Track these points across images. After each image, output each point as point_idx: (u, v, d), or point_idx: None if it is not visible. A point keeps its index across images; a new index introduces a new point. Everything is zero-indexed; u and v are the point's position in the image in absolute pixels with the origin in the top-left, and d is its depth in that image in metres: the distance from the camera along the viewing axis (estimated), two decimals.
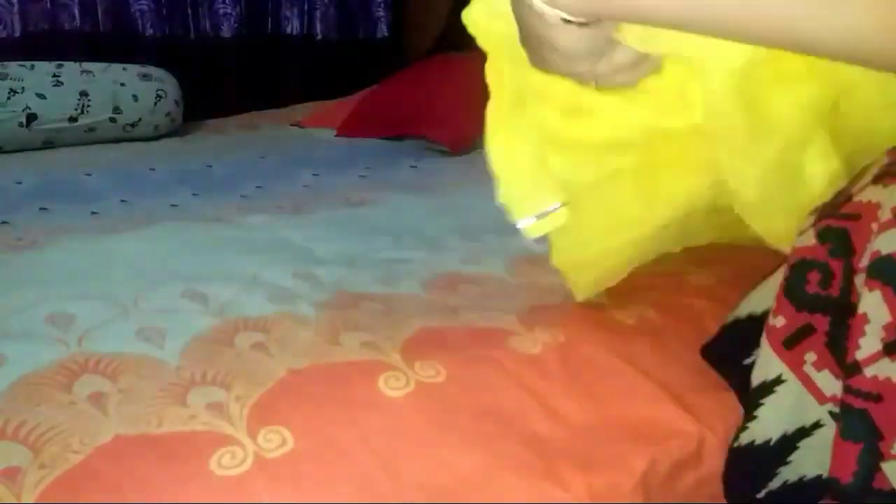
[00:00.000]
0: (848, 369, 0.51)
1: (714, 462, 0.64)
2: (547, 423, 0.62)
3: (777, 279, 0.59)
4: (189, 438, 0.57)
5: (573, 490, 0.56)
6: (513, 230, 0.66)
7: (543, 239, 0.68)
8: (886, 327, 0.49)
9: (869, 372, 0.50)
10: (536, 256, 0.94)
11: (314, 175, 1.46)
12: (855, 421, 0.50)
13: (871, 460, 0.50)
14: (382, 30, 2.55)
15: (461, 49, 2.28)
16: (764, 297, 0.61)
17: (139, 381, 0.64)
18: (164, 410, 0.60)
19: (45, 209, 1.24)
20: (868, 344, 0.50)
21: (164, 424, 0.58)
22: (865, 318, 0.50)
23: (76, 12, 1.97)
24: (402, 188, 1.36)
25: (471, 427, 0.60)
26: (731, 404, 0.65)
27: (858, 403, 0.50)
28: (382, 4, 2.53)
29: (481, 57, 0.66)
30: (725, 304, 0.79)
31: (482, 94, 0.65)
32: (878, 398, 0.50)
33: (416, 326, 0.73)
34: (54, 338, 0.72)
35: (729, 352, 0.64)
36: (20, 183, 1.40)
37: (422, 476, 0.56)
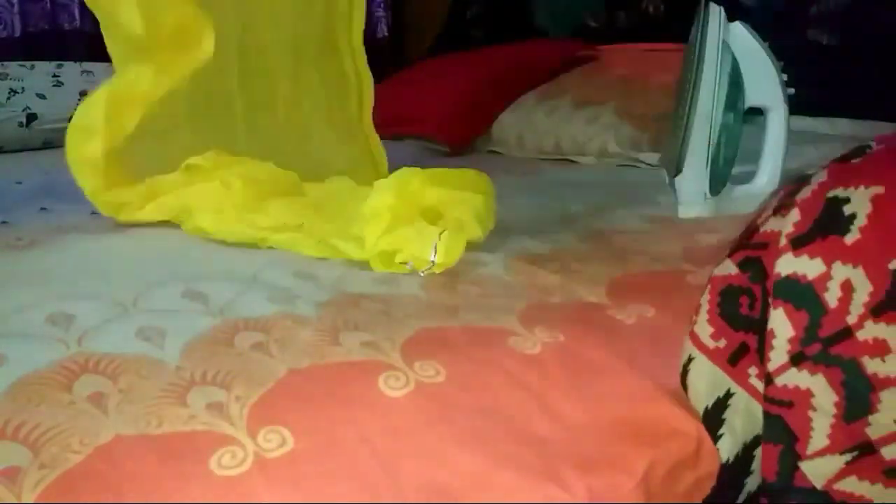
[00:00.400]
0: (765, 380, 0.57)
1: (712, 462, 0.64)
2: (547, 423, 0.62)
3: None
4: (189, 438, 0.57)
5: (573, 490, 0.56)
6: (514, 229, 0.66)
7: None
8: (791, 340, 0.55)
9: (779, 381, 0.56)
10: (536, 256, 0.94)
11: None
12: (774, 425, 0.56)
13: (790, 461, 0.55)
14: (382, 30, 2.55)
15: (461, 49, 2.29)
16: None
17: (139, 381, 0.64)
18: (164, 410, 0.60)
19: (45, 209, 1.24)
20: (776, 356, 0.56)
21: (164, 424, 0.58)
22: (773, 334, 0.56)
23: (76, 12, 1.97)
24: None
25: (471, 427, 0.60)
26: None
27: (774, 410, 0.56)
28: (382, 4, 2.53)
29: (481, 56, 0.67)
30: None
31: (482, 94, 0.65)
32: (790, 404, 0.55)
33: (415, 326, 0.73)
34: (54, 338, 0.72)
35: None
36: (20, 183, 1.40)
37: (422, 476, 0.56)
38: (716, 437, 0.63)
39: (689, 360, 0.64)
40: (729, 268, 0.62)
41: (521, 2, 2.12)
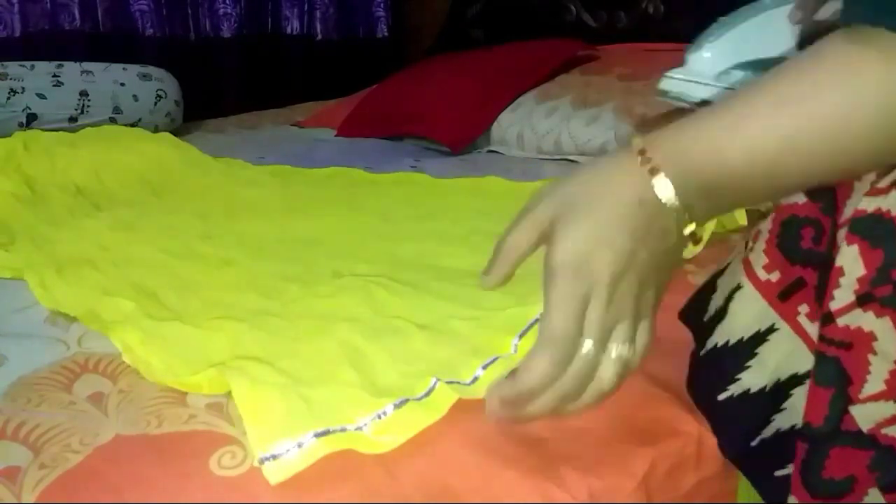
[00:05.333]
0: (822, 319, 0.53)
1: (714, 463, 0.63)
2: (547, 423, 0.62)
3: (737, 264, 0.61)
4: (189, 438, 0.57)
5: (573, 491, 0.56)
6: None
7: None
8: (860, 280, 0.51)
9: (841, 322, 0.52)
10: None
11: None
12: (828, 368, 0.52)
13: (841, 404, 0.52)
14: (382, 30, 2.55)
15: (461, 49, 2.28)
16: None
17: (139, 381, 0.64)
18: (164, 410, 0.60)
19: None
20: (841, 295, 0.52)
21: (164, 424, 0.58)
22: (841, 271, 0.52)
23: (76, 12, 1.97)
24: None
25: (471, 427, 0.60)
26: None
27: (831, 351, 0.52)
28: (382, 4, 2.53)
29: (481, 56, 0.66)
30: None
31: (482, 94, 0.65)
32: (848, 346, 0.52)
33: None
34: (54, 338, 0.72)
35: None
36: None
37: (422, 476, 0.56)
38: (740, 368, 0.59)
39: (737, 287, 0.60)
40: (797, 196, 0.57)
41: (521, 2, 2.12)
